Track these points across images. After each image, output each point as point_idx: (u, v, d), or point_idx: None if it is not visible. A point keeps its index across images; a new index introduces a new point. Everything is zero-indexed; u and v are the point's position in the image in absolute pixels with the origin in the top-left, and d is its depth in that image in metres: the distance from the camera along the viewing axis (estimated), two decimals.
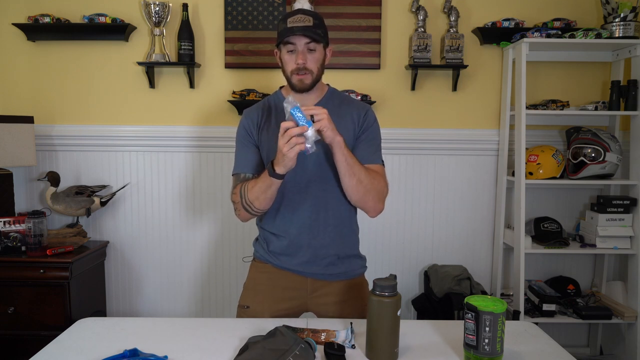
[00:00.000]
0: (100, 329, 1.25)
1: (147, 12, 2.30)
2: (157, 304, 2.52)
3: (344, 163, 1.29)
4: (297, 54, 1.33)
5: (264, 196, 1.32)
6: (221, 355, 1.10)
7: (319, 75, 1.38)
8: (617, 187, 2.43)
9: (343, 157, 1.28)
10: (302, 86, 1.35)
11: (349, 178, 1.31)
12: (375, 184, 1.36)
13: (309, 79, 1.35)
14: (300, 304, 1.46)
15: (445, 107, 2.45)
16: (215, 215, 2.49)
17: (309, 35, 1.30)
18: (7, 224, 2.16)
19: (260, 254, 1.49)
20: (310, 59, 1.34)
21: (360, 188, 1.33)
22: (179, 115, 2.44)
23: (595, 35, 2.18)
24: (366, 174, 1.33)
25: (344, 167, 1.29)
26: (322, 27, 1.35)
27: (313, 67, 1.34)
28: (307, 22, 1.31)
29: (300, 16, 1.32)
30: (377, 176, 1.38)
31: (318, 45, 1.34)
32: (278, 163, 1.24)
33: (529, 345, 1.18)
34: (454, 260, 2.51)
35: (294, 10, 1.37)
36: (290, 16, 1.33)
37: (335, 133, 1.24)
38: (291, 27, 1.30)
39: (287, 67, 1.36)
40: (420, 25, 2.33)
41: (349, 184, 1.32)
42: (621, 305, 2.29)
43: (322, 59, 1.38)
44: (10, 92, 2.42)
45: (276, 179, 1.27)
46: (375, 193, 1.36)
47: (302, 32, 1.29)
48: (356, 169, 1.31)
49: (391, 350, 1.07)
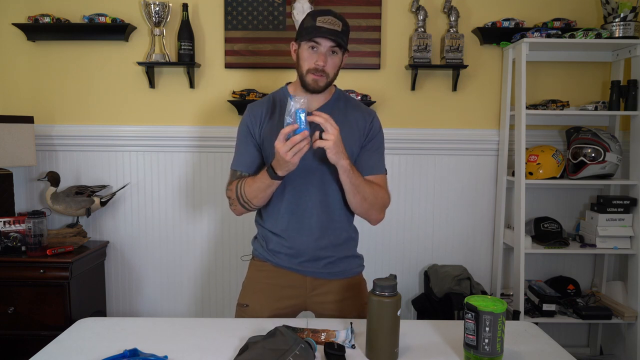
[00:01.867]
0: (100, 329, 1.25)
1: (147, 12, 2.30)
2: (157, 304, 2.52)
3: (348, 184, 1.31)
4: (319, 54, 1.32)
5: (263, 195, 1.34)
6: (221, 355, 1.10)
7: (332, 80, 1.38)
8: (617, 187, 2.43)
9: (348, 179, 1.30)
10: (316, 87, 1.35)
11: (353, 196, 1.34)
12: (378, 198, 1.38)
13: (324, 82, 1.35)
14: (299, 303, 1.46)
15: (445, 107, 2.45)
16: (215, 215, 2.49)
17: (336, 40, 1.30)
18: (7, 224, 2.16)
19: (259, 252, 1.49)
20: (330, 63, 1.33)
21: (364, 204, 1.36)
22: (179, 115, 2.44)
23: (595, 35, 2.18)
24: (370, 190, 1.35)
25: (349, 187, 1.32)
26: (347, 35, 1.35)
27: (330, 71, 1.35)
28: (336, 26, 1.31)
29: (331, 18, 1.31)
30: (380, 190, 1.40)
31: (340, 51, 1.35)
32: (279, 167, 1.24)
33: (529, 345, 1.19)
34: (454, 260, 2.51)
35: (324, 9, 1.36)
36: (320, 15, 1.32)
37: (339, 157, 1.24)
38: (320, 27, 1.29)
39: (305, 63, 1.34)
40: (420, 25, 2.33)
41: (354, 200, 1.36)
42: (621, 305, 2.29)
43: (340, 64, 1.38)
44: (10, 92, 2.42)
45: (277, 181, 1.28)
46: (378, 206, 1.40)
47: (330, 36, 1.29)
48: (360, 188, 1.33)
49: (391, 350, 1.07)
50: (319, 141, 1.21)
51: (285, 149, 1.18)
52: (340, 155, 1.24)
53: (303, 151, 1.20)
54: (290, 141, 1.18)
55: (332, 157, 1.23)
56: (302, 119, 1.18)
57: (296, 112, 1.18)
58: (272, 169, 1.27)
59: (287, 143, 1.18)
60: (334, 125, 1.22)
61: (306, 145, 1.19)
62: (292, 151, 1.18)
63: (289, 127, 1.18)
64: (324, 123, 1.21)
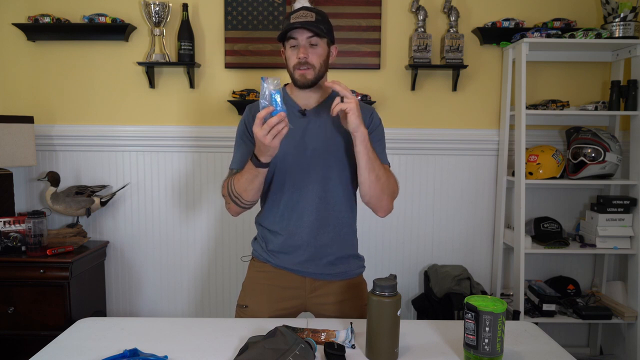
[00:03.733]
0: (100, 329, 1.25)
1: (147, 12, 2.30)
2: (157, 304, 2.52)
3: (365, 156, 1.27)
4: (299, 48, 1.32)
5: (252, 187, 1.31)
6: (221, 355, 1.10)
7: (321, 72, 1.36)
8: (617, 187, 2.43)
9: (365, 149, 1.26)
10: (304, 81, 1.34)
11: (369, 172, 1.29)
12: (390, 183, 1.36)
13: (311, 74, 1.34)
14: (299, 304, 1.45)
15: (445, 107, 2.45)
16: (215, 215, 2.49)
17: (310, 29, 1.30)
18: (7, 224, 2.16)
19: (258, 253, 1.49)
20: (312, 54, 1.32)
21: (377, 185, 1.32)
22: (179, 115, 2.44)
23: (595, 35, 2.18)
24: (384, 172, 1.34)
25: (365, 160, 1.27)
26: (324, 23, 1.34)
27: (315, 61, 1.33)
28: (309, 17, 1.31)
29: (303, 12, 1.32)
30: (391, 176, 1.39)
31: (321, 41, 1.33)
32: (262, 153, 1.22)
33: (529, 345, 1.18)
34: (454, 260, 2.51)
35: (298, 7, 1.37)
36: (293, 13, 1.34)
37: (360, 121, 1.23)
38: (293, 23, 1.30)
39: (290, 62, 1.35)
40: (420, 25, 2.33)
41: (368, 178, 1.30)
42: (621, 305, 2.29)
43: (326, 55, 1.36)
44: (10, 92, 2.42)
45: (262, 169, 1.27)
46: (389, 192, 1.37)
47: (303, 26, 1.29)
48: (376, 165, 1.30)
49: (391, 350, 1.07)
50: (341, 104, 1.20)
51: (263, 132, 1.16)
52: (361, 121, 1.24)
53: (282, 133, 1.18)
54: (267, 124, 1.16)
55: (355, 121, 1.22)
56: (278, 101, 1.15)
57: (271, 95, 1.15)
58: (255, 157, 1.25)
59: (265, 126, 1.16)
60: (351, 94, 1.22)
61: (285, 127, 1.17)
62: (271, 134, 1.16)
63: (264, 110, 1.16)
64: (342, 90, 1.21)
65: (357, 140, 1.25)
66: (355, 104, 1.21)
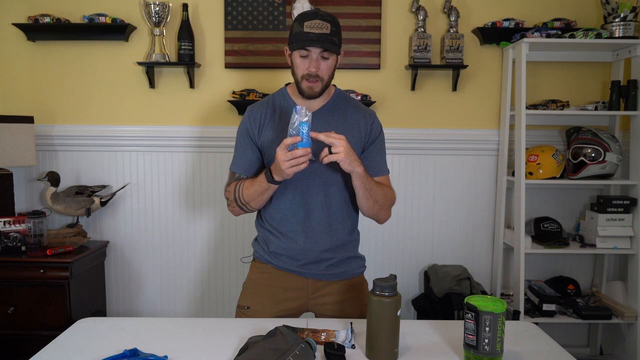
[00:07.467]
0: (100, 329, 1.25)
1: (147, 12, 2.30)
2: (157, 304, 2.52)
3: (362, 189, 1.31)
4: (311, 60, 1.30)
5: (260, 198, 1.35)
6: (221, 355, 1.10)
7: (328, 83, 1.36)
8: (617, 187, 2.43)
9: (362, 185, 1.30)
10: (312, 93, 1.34)
11: (366, 200, 1.34)
12: (388, 199, 1.40)
13: (319, 87, 1.34)
14: (300, 305, 1.45)
15: (445, 107, 2.45)
16: (215, 215, 2.49)
17: (325, 45, 1.27)
18: (7, 224, 2.16)
19: (260, 254, 1.49)
20: (323, 67, 1.31)
21: (375, 207, 1.37)
22: (179, 115, 2.44)
23: (595, 35, 2.18)
24: (381, 193, 1.36)
25: (362, 192, 1.32)
26: (338, 35, 1.32)
27: (325, 75, 1.33)
28: (324, 29, 1.27)
29: (318, 22, 1.27)
30: (389, 191, 1.42)
31: (332, 54, 1.32)
32: (277, 172, 1.24)
33: (529, 345, 1.19)
34: (454, 260, 2.51)
35: (311, 12, 1.32)
36: (307, 19, 1.28)
37: (354, 165, 1.23)
38: (308, 33, 1.26)
39: (298, 70, 1.33)
40: (420, 25, 2.33)
41: (366, 204, 1.36)
42: (621, 305, 2.29)
43: (334, 66, 1.36)
44: (10, 92, 2.42)
45: (274, 185, 1.29)
46: (387, 207, 1.42)
47: (319, 42, 1.26)
48: (373, 192, 1.33)
49: (391, 350, 1.07)
50: (329, 156, 1.19)
51: (285, 158, 1.18)
52: (355, 164, 1.24)
53: (300, 167, 1.19)
54: (291, 153, 1.17)
55: (347, 167, 1.23)
56: (305, 133, 1.16)
57: (300, 126, 1.16)
58: (270, 173, 1.27)
59: (288, 154, 1.17)
60: (337, 136, 1.20)
61: (305, 163, 1.19)
62: (291, 163, 1.18)
63: (291, 139, 1.17)
64: (326, 140, 1.19)
65: (354, 177, 1.28)
66: (344, 151, 1.19)
